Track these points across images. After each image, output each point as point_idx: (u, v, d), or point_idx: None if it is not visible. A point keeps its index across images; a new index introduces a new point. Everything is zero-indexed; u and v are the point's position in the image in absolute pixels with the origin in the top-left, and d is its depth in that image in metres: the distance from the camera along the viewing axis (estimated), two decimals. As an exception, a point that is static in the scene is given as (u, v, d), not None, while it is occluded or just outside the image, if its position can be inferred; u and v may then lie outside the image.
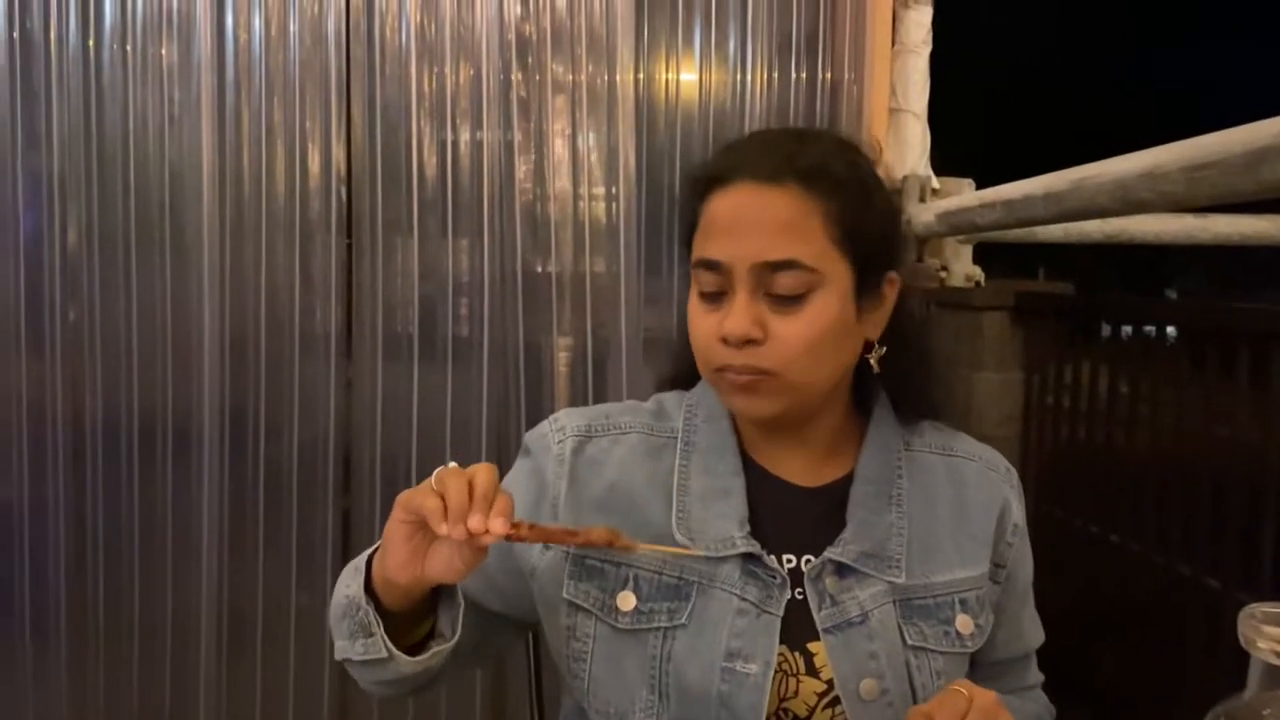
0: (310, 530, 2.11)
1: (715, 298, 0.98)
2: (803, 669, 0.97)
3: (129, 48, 2.06)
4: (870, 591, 0.99)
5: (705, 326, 0.99)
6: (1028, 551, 1.11)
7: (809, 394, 1.00)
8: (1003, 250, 2.37)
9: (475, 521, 0.82)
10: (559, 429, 1.07)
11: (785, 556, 1.01)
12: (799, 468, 1.05)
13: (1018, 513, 1.10)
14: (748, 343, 0.95)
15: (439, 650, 0.93)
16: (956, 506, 1.06)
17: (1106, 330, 2.16)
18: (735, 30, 2.16)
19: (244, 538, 2.09)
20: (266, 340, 2.09)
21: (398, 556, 0.87)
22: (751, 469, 1.04)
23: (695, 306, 1.01)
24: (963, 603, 1.02)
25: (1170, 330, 2.01)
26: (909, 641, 0.99)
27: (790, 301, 0.96)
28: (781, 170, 0.97)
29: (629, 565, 1.00)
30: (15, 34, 2.03)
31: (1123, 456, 2.03)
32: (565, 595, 1.01)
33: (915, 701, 0.96)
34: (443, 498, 0.83)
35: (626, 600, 0.99)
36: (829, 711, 0.96)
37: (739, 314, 0.95)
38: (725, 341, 0.96)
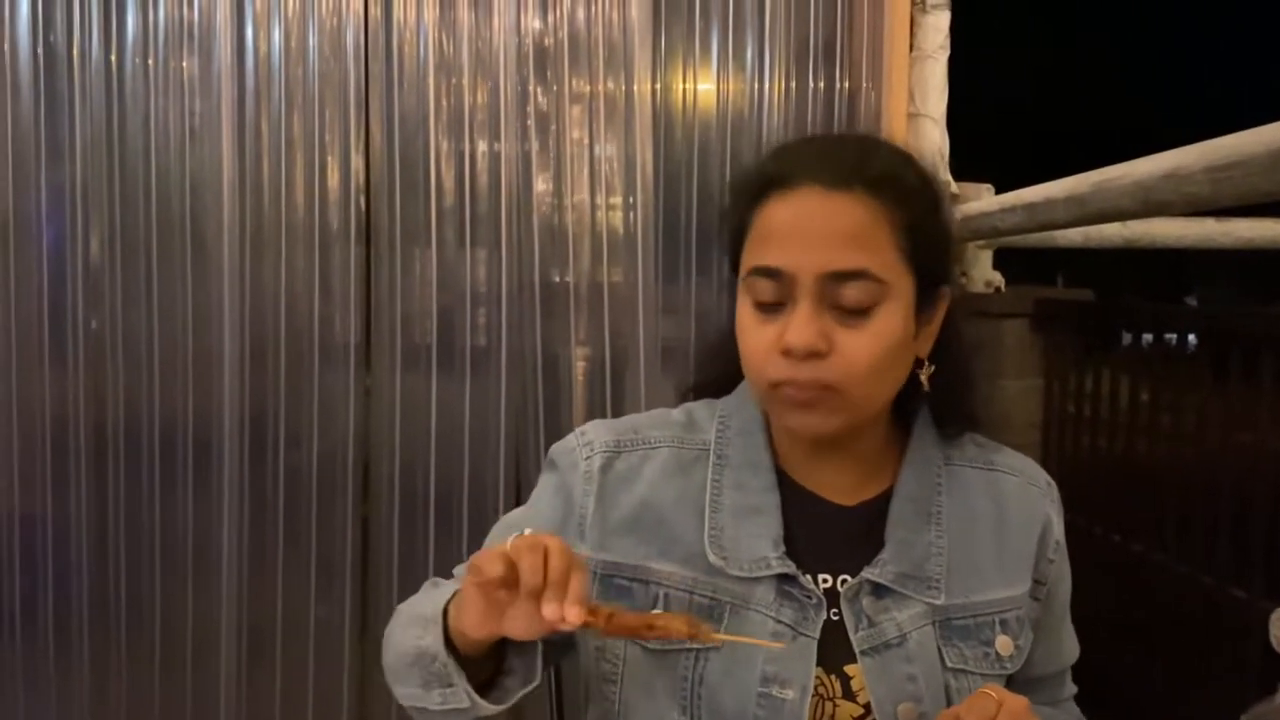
0: (329, 539, 2.11)
1: (773, 308, 0.93)
2: (839, 692, 0.95)
3: (150, 61, 2.08)
4: (909, 613, 0.97)
5: (762, 339, 0.93)
6: (1067, 567, 1.09)
7: (866, 411, 0.96)
8: (1021, 257, 2.36)
9: (550, 610, 0.80)
10: (587, 444, 1.04)
11: (821, 576, 0.97)
12: (836, 484, 1.01)
13: (1058, 529, 1.07)
14: (811, 356, 0.90)
15: (520, 694, 0.92)
16: (997, 524, 1.03)
17: (1127, 338, 2.15)
18: (752, 39, 2.16)
19: (264, 546, 2.10)
20: (286, 350, 2.10)
21: (475, 614, 0.86)
22: (786, 485, 1.01)
23: (749, 317, 0.95)
24: (1003, 623, 1.00)
25: (1191, 337, 2.00)
26: (948, 664, 0.96)
27: (857, 314, 0.91)
28: (850, 177, 0.92)
29: (658, 584, 0.98)
30: (39, 49, 2.06)
31: (1145, 464, 2.01)
32: None
33: None
34: (516, 568, 0.81)
35: None
36: None
37: (803, 325, 0.90)
38: (787, 354, 0.91)
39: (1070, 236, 2.20)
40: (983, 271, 2.21)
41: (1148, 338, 2.07)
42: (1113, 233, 2.24)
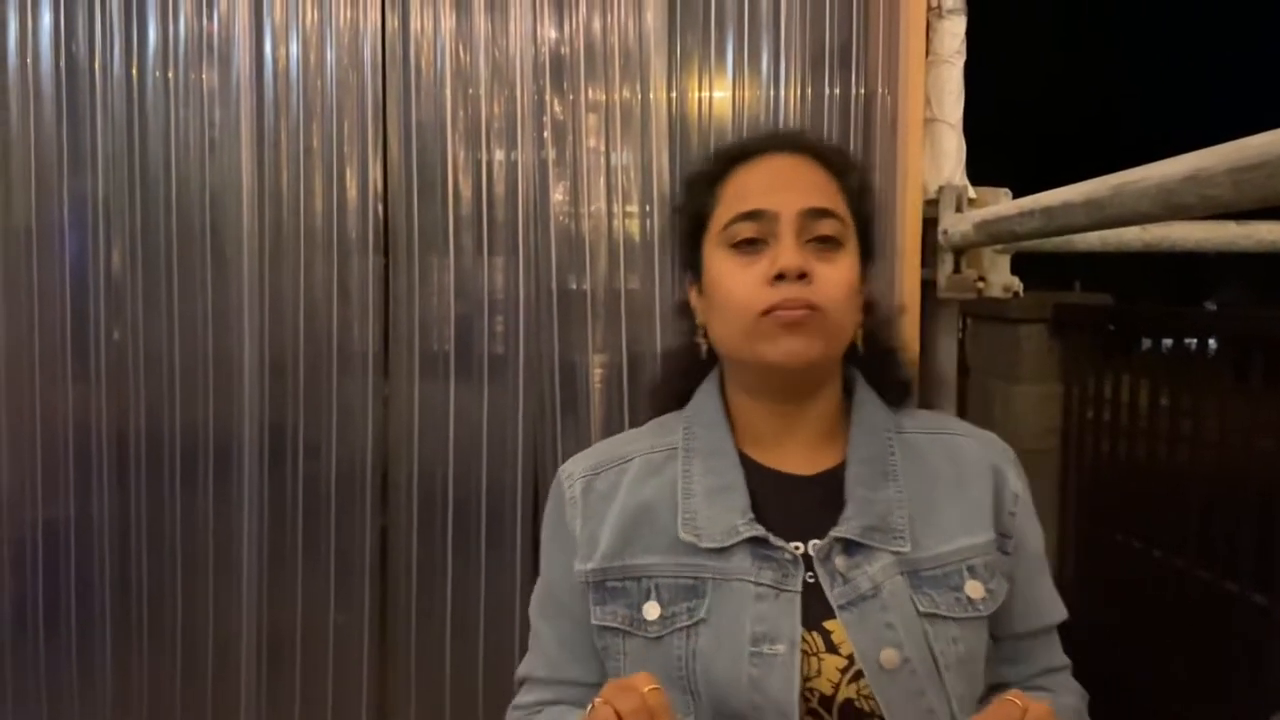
0: (348, 546, 2.12)
1: (753, 246, 1.04)
2: (822, 647, 1.00)
3: (170, 73, 2.10)
4: (879, 565, 1.02)
5: (749, 276, 1.03)
6: (1034, 522, 1.14)
7: (837, 342, 1.07)
8: (1038, 263, 2.34)
9: None
10: (568, 476, 1.15)
11: (793, 544, 1.04)
12: (795, 458, 1.10)
13: (1016, 483, 1.13)
14: (799, 277, 1.01)
15: None
16: (954, 479, 1.10)
17: (1146, 342, 2.14)
18: (768, 46, 2.16)
19: (283, 553, 2.11)
20: (305, 358, 2.11)
21: None
22: (750, 466, 1.09)
23: (730, 262, 1.06)
24: (971, 569, 1.05)
25: (1212, 341, 1.99)
26: (921, 610, 1.01)
27: (831, 245, 1.04)
28: (804, 147, 1.11)
29: (647, 577, 1.05)
30: (61, 62, 2.08)
31: (1165, 470, 2.00)
32: (594, 622, 1.06)
33: (937, 668, 0.99)
34: None
35: (652, 610, 1.03)
36: (854, 685, 0.99)
37: (793, 252, 1.02)
38: (778, 279, 1.01)
39: (1089, 240, 2.18)
40: (1000, 276, 2.20)
41: (1167, 342, 2.06)
42: (1132, 236, 2.23)
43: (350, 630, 2.13)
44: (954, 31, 2.12)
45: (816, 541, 1.04)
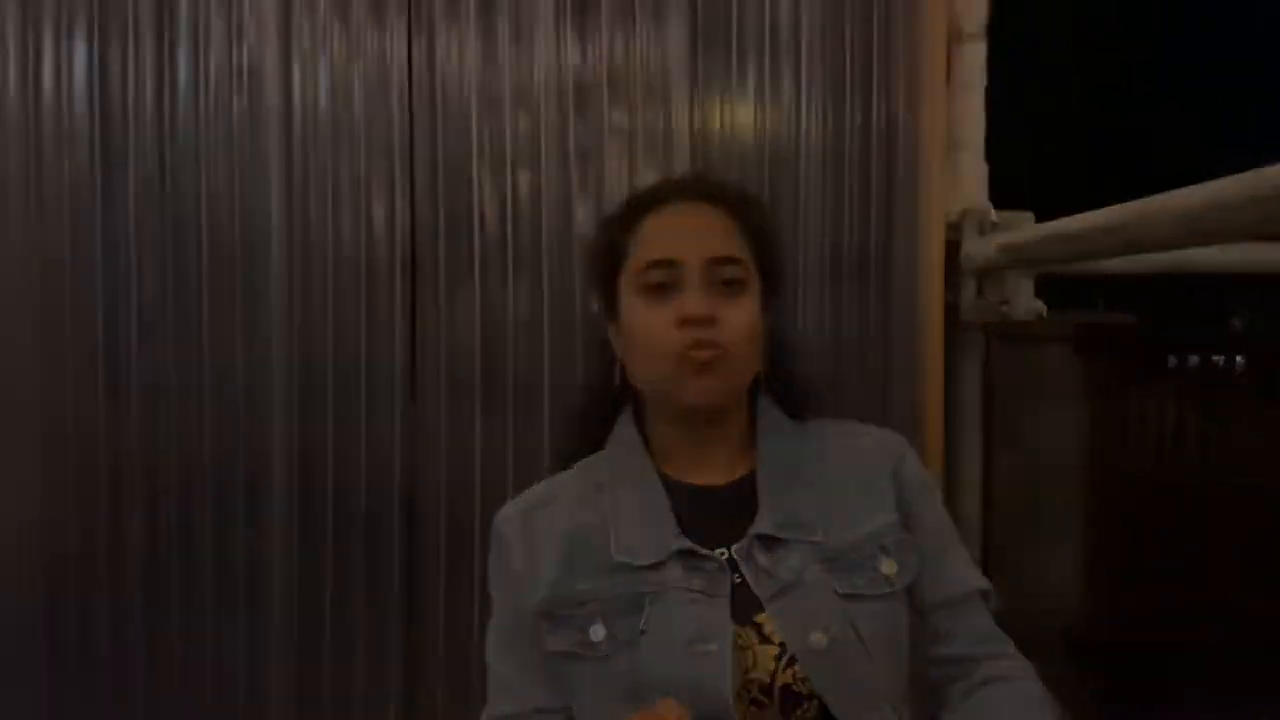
0: (377, 569, 2.13)
1: (663, 291, 1.13)
2: (756, 640, 1.08)
3: (201, 105, 2.13)
4: (798, 556, 1.11)
5: (660, 317, 1.12)
6: (936, 500, 1.24)
7: (743, 380, 1.17)
8: (1061, 283, 2.35)
9: None
10: (505, 519, 1.22)
11: (718, 551, 1.12)
12: (710, 472, 1.19)
13: (913, 466, 1.22)
14: (705, 321, 1.10)
15: None
16: (857, 473, 1.19)
17: (1172, 361, 2.13)
18: (789, 70, 2.18)
19: (314, 577, 2.12)
20: (334, 387, 2.13)
21: None
22: (671, 485, 1.18)
23: (642, 307, 1.14)
24: (883, 549, 1.14)
25: (1239, 359, 1.99)
26: (841, 592, 1.10)
27: (735, 288, 1.13)
28: (713, 195, 1.20)
29: (591, 601, 1.11)
30: (95, 94, 2.12)
31: (1193, 488, 1.99)
32: (548, 649, 1.13)
33: (863, 645, 1.07)
34: None
35: (599, 632, 1.10)
36: (789, 671, 1.07)
37: (699, 299, 1.11)
38: (685, 323, 1.10)
39: (1114, 261, 2.18)
40: (1024, 299, 2.21)
41: (1193, 361, 2.05)
42: (1156, 257, 2.23)
43: (382, 656, 2.14)
44: (975, 56, 2.13)
45: (739, 545, 1.12)
